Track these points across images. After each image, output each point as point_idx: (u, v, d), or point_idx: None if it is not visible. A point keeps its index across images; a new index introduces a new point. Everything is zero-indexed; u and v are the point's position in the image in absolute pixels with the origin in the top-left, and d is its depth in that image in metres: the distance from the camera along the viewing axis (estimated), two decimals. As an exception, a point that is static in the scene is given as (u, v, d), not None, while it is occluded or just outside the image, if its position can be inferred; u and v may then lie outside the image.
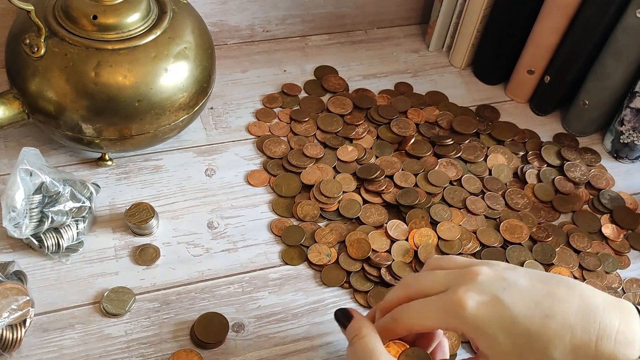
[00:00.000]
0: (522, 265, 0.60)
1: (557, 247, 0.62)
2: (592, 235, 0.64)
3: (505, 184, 0.67)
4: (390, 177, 0.65)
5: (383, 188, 0.64)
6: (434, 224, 0.62)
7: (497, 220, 0.64)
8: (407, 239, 0.61)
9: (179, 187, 0.64)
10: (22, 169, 0.54)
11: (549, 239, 0.62)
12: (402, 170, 0.66)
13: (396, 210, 0.64)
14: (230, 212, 0.62)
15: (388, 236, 0.61)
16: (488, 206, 0.65)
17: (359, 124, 0.70)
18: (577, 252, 0.62)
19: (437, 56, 0.82)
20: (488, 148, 0.70)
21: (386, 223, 0.62)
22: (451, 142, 0.69)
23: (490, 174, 0.68)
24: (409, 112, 0.73)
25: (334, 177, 0.65)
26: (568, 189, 0.67)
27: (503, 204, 0.65)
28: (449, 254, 0.60)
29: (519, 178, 0.68)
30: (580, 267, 0.61)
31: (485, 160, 0.69)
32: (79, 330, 0.53)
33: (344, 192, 0.64)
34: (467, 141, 0.70)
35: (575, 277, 0.61)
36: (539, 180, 0.68)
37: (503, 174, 0.68)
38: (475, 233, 0.62)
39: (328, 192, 0.63)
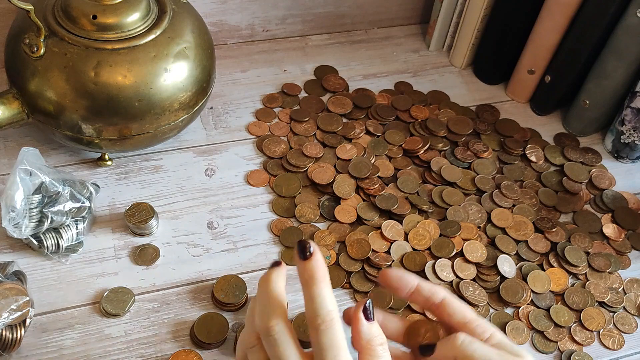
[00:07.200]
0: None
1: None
2: (592, 235, 0.64)
3: (509, 184, 0.67)
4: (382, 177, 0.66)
5: (376, 187, 0.64)
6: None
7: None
8: (406, 239, 0.61)
9: (179, 187, 0.64)
10: (21, 169, 0.54)
11: (554, 229, 0.63)
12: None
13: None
14: (230, 212, 0.62)
15: (384, 237, 0.61)
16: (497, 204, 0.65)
17: (358, 119, 0.71)
18: (587, 253, 0.62)
19: (438, 56, 0.82)
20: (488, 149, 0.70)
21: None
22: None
23: (500, 173, 0.68)
24: (411, 109, 0.73)
25: (334, 177, 0.65)
26: (570, 189, 0.67)
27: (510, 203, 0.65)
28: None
29: (521, 179, 0.68)
30: (590, 266, 0.61)
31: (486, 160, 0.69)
32: (78, 330, 0.53)
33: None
34: (463, 139, 0.70)
35: (578, 278, 0.61)
36: (541, 181, 0.68)
37: (510, 174, 0.68)
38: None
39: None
